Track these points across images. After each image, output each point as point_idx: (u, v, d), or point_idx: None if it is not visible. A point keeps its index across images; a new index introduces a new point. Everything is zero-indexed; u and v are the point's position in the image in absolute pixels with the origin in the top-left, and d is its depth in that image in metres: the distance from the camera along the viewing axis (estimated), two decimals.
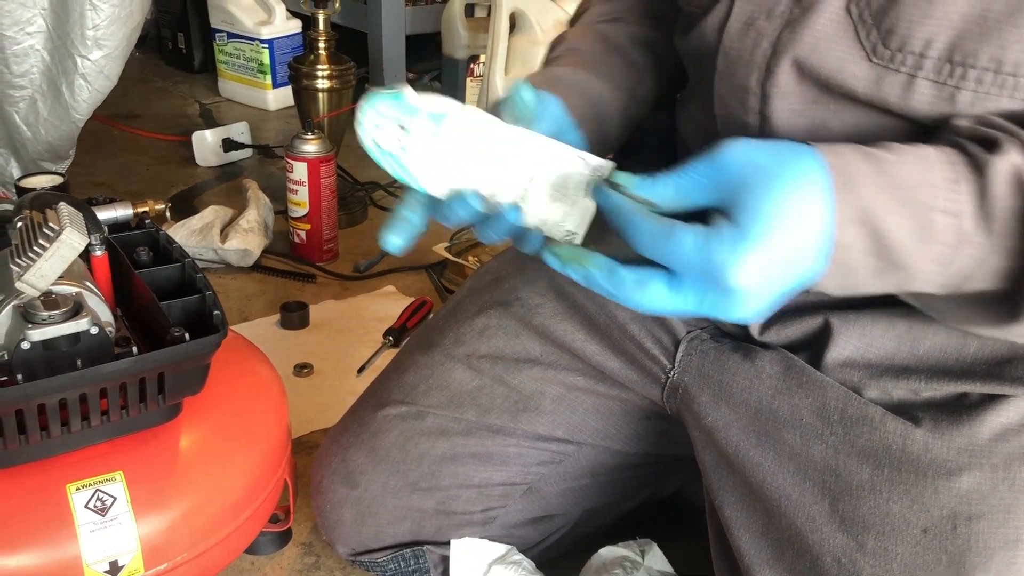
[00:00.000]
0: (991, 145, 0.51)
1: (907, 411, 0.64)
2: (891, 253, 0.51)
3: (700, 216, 0.52)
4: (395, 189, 2.03)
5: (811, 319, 0.69)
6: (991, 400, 0.62)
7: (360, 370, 1.34)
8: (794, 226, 0.50)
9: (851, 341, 0.67)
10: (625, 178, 0.54)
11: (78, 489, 0.72)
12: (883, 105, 0.58)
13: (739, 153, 0.52)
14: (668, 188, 0.53)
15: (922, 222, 0.51)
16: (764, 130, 0.63)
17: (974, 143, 0.52)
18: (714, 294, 0.51)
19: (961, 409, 0.62)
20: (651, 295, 0.52)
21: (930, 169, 0.51)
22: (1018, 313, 0.52)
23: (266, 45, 2.44)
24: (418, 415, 0.86)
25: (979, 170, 0.50)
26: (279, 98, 2.49)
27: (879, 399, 0.65)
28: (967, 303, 0.55)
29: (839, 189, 0.50)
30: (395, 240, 0.61)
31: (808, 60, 0.59)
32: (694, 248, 0.50)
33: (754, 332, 0.71)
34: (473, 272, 0.98)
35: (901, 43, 0.55)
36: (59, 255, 0.66)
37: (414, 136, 0.58)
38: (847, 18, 0.57)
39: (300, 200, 1.63)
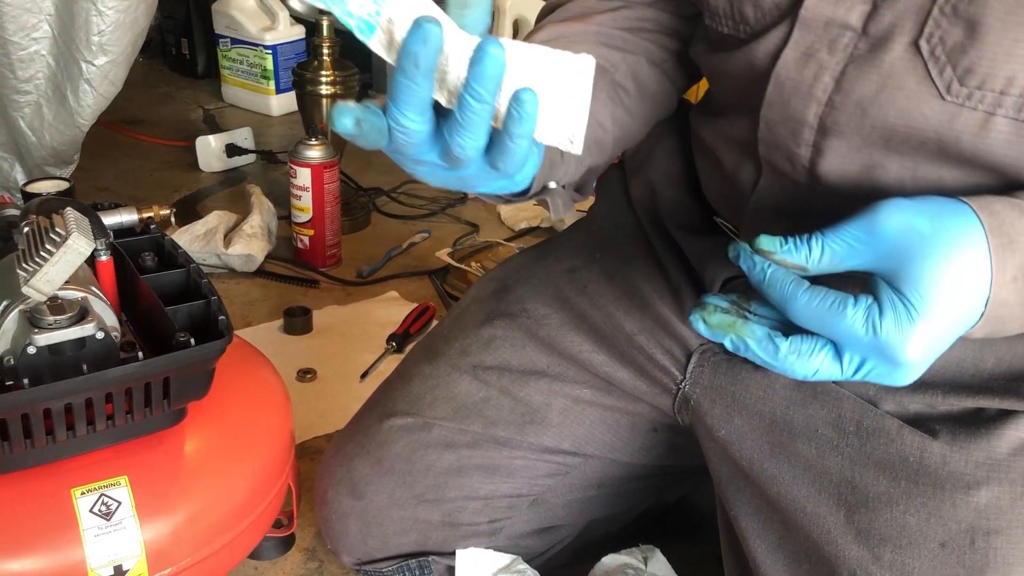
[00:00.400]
0: None
1: (924, 424, 0.63)
2: None
3: (847, 275, 0.52)
4: (399, 194, 2.03)
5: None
6: (1009, 415, 0.61)
7: (363, 375, 1.33)
8: (960, 296, 0.50)
9: None
10: (770, 242, 0.53)
11: (83, 494, 0.72)
12: (954, 144, 0.56)
13: (898, 219, 0.51)
14: (821, 253, 0.52)
15: None
16: (815, 162, 0.62)
17: None
18: (881, 367, 0.52)
19: (979, 423, 0.62)
20: (811, 365, 0.53)
21: None
22: None
23: (270, 51, 2.44)
24: (424, 426, 0.85)
25: None
26: (282, 103, 2.49)
27: (895, 412, 0.64)
28: None
29: (999, 251, 0.51)
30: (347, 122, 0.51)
31: (874, 98, 0.58)
32: (864, 325, 0.51)
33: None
34: (477, 279, 0.97)
35: (981, 81, 0.54)
36: (65, 260, 0.66)
37: None
38: (917, 55, 0.56)
39: (304, 205, 1.62)
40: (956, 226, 0.51)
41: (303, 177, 1.60)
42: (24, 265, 0.67)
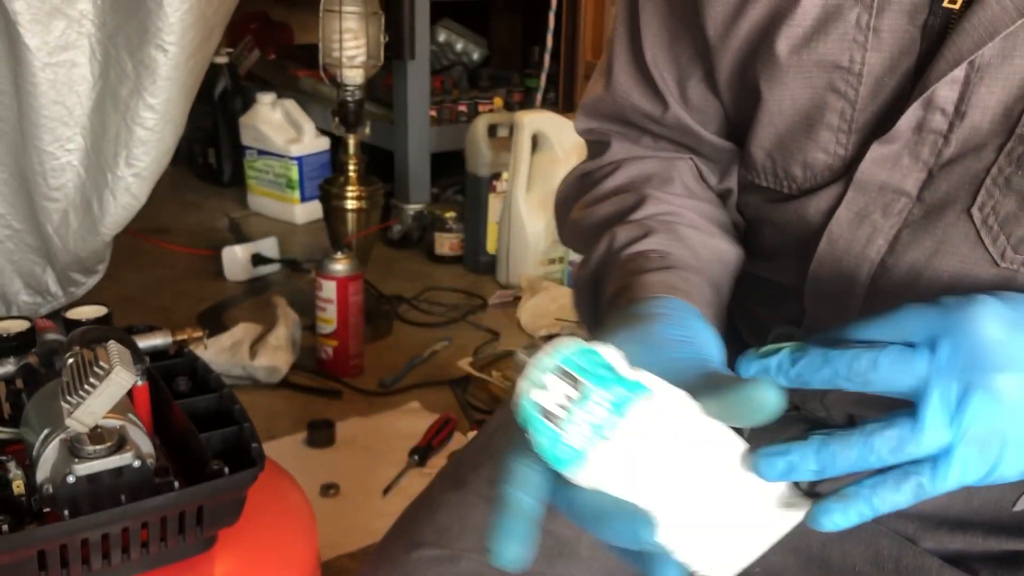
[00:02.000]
0: None
1: (964, 563, 0.62)
2: None
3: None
4: (420, 302, 2.05)
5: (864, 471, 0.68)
6: None
7: (386, 490, 1.34)
8: None
9: None
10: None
11: None
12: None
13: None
14: None
15: None
16: (865, 315, 0.63)
17: None
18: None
19: (1020, 565, 0.61)
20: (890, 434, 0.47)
21: None
22: None
23: (295, 162, 2.50)
24: (452, 559, 0.85)
25: None
26: (307, 212, 2.54)
27: (935, 550, 0.64)
28: None
29: None
30: (513, 549, 0.47)
31: (928, 262, 0.58)
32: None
33: (804, 484, 0.71)
34: (502, 403, 0.97)
35: None
36: (108, 393, 0.67)
37: (592, 411, 0.45)
38: (970, 223, 0.57)
39: (328, 317, 1.65)
40: None
41: (328, 290, 1.63)
42: (68, 398, 0.69)
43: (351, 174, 1.83)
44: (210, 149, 2.84)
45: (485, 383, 1.64)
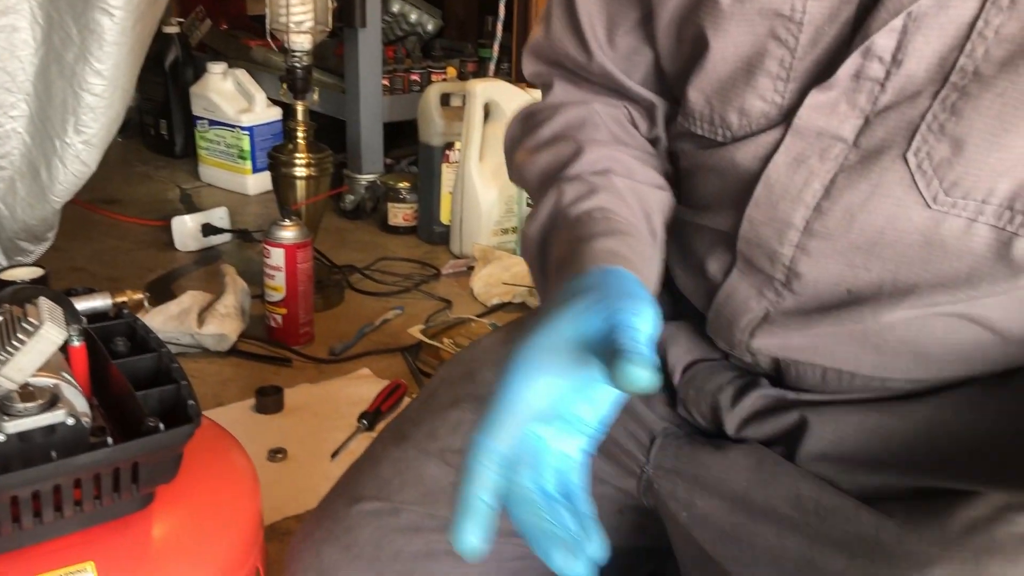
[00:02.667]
0: None
1: (881, 503, 0.64)
2: None
3: None
4: (372, 271, 2.05)
5: (787, 415, 0.70)
6: (962, 494, 0.63)
7: (334, 455, 1.34)
8: None
9: (825, 435, 0.67)
10: None
11: None
12: (939, 247, 0.59)
13: None
14: None
15: None
16: (797, 261, 0.64)
17: None
18: None
19: (933, 502, 0.63)
20: None
21: None
22: None
23: (247, 132, 2.48)
24: (393, 511, 0.85)
25: None
26: (259, 183, 2.52)
27: (853, 491, 0.66)
28: None
29: None
30: (474, 543, 0.49)
31: (863, 204, 0.60)
32: None
33: (730, 429, 0.72)
34: (447, 359, 0.98)
35: (965, 192, 0.57)
36: (37, 349, 0.67)
37: None
38: (905, 167, 0.58)
39: (277, 285, 1.64)
40: None
41: (276, 257, 1.62)
42: None
43: (299, 141, 1.81)
44: (162, 120, 2.80)
45: (437, 350, 1.64)
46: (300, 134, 1.81)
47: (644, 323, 0.49)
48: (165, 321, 1.59)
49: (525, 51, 0.81)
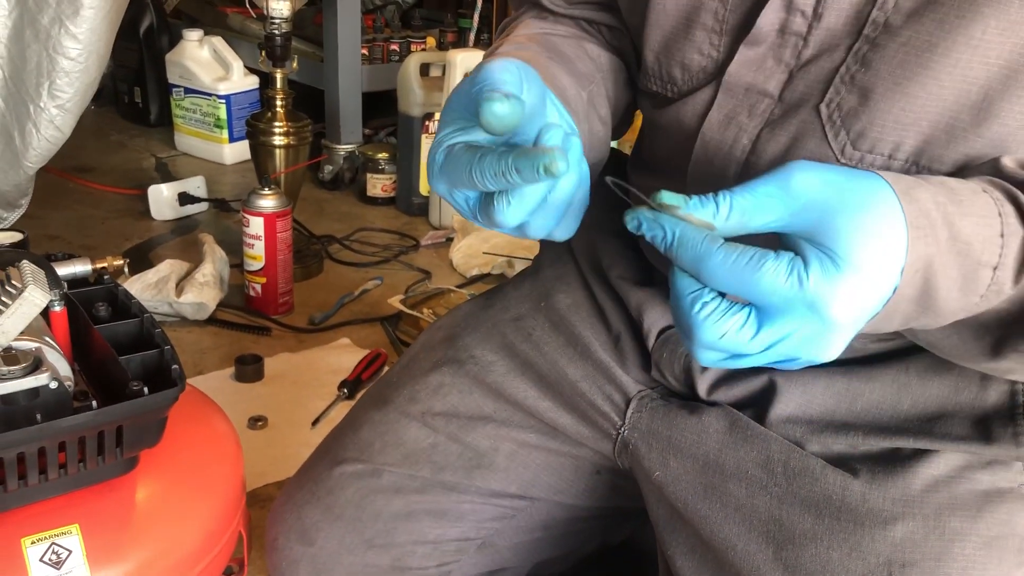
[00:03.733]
0: None
1: (846, 463, 0.66)
2: (932, 303, 0.50)
3: (757, 240, 0.48)
4: (352, 241, 2.06)
5: (756, 378, 0.72)
6: (924, 454, 0.65)
7: (315, 422, 1.35)
8: (884, 254, 0.47)
9: (794, 398, 0.70)
10: (674, 198, 0.48)
11: (33, 543, 0.72)
12: None
13: (812, 174, 0.48)
14: (730, 209, 0.48)
15: (969, 276, 0.50)
16: None
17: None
18: (804, 329, 0.47)
19: (895, 462, 0.65)
20: (720, 328, 0.48)
21: (988, 224, 0.50)
22: (1000, 351, 0.55)
23: (223, 100, 2.46)
24: (374, 472, 0.87)
25: None
26: (235, 152, 2.51)
27: (820, 452, 0.68)
28: (958, 340, 0.56)
29: (914, 239, 0.47)
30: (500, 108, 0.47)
31: (782, 158, 0.62)
32: (787, 278, 0.46)
33: (702, 391, 0.74)
34: (427, 326, 0.99)
35: (871, 145, 0.59)
36: (21, 312, 0.67)
37: None
38: (818, 119, 0.61)
39: (256, 254, 1.64)
40: (876, 190, 0.48)
41: (255, 226, 1.62)
42: None
43: (278, 110, 1.81)
44: (136, 88, 2.77)
45: (416, 320, 1.66)
46: (279, 102, 1.81)
47: (504, 73, 0.51)
48: (143, 289, 1.59)
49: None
